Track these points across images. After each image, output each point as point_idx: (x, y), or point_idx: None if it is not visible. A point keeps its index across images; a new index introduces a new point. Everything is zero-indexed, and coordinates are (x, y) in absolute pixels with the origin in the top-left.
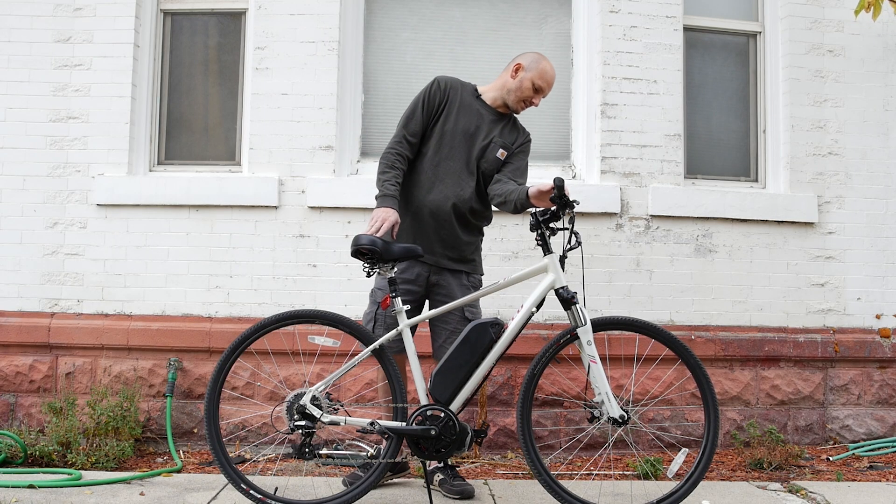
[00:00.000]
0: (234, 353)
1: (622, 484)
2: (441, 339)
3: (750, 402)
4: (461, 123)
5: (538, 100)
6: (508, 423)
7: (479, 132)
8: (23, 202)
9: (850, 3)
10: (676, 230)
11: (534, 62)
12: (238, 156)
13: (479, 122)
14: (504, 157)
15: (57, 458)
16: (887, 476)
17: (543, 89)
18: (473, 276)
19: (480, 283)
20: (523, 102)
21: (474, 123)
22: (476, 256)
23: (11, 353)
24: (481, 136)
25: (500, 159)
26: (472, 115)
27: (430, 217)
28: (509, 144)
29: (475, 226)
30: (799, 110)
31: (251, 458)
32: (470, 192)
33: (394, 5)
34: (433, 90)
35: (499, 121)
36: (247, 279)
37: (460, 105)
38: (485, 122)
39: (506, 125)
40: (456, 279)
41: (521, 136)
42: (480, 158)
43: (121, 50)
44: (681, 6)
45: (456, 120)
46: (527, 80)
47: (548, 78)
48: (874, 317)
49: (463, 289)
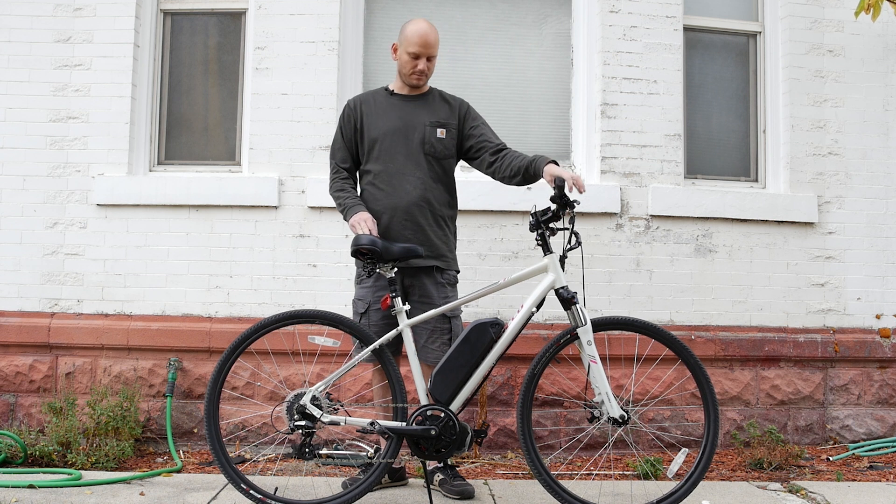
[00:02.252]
0: (234, 353)
1: (622, 484)
2: (423, 339)
3: (750, 402)
4: (384, 126)
5: (423, 63)
6: (508, 423)
7: (406, 125)
8: (23, 202)
9: (850, 3)
10: (676, 230)
11: (401, 34)
12: (238, 156)
13: (400, 115)
14: (445, 135)
15: (57, 458)
16: (887, 476)
17: (419, 52)
18: (448, 272)
19: (455, 279)
20: (415, 75)
21: (397, 119)
22: (448, 252)
23: (11, 353)
24: (411, 127)
25: (442, 138)
26: (391, 114)
27: (391, 221)
28: (444, 121)
29: (440, 215)
30: (799, 110)
31: (251, 458)
32: (422, 183)
33: (394, 5)
34: (346, 114)
35: (421, 104)
36: (247, 279)
37: (376, 111)
38: (406, 112)
39: (431, 104)
40: (429, 278)
41: (454, 106)
42: (423, 145)
43: (121, 50)
44: (681, 6)
45: (378, 126)
46: (402, 53)
47: (415, 38)
48: (874, 317)
49: (438, 286)
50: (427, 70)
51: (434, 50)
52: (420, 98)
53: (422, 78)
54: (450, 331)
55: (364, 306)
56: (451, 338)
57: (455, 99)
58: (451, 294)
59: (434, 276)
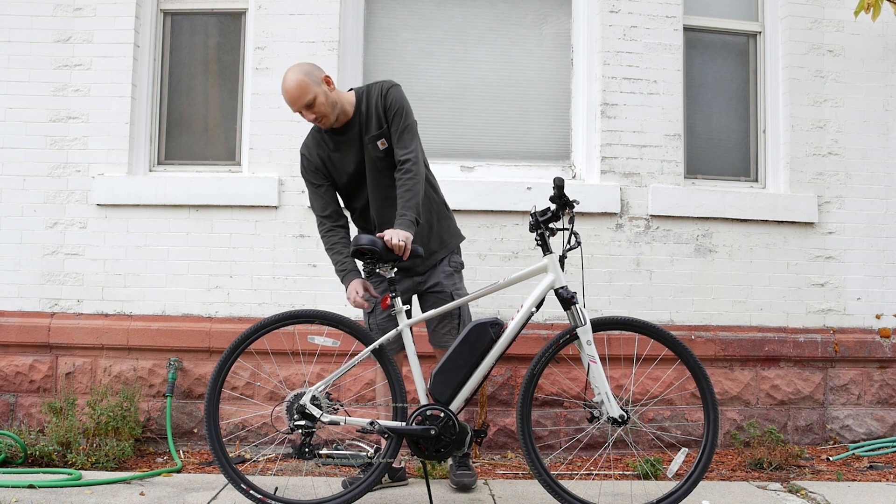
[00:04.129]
0: (234, 353)
1: (622, 484)
2: (434, 324)
3: (750, 402)
4: (345, 165)
5: (308, 115)
6: (508, 423)
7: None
8: (23, 202)
9: (850, 3)
10: (676, 230)
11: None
12: (238, 156)
13: (352, 146)
14: (386, 143)
15: (57, 458)
16: (887, 476)
17: (294, 109)
18: (453, 257)
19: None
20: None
21: (352, 153)
22: (445, 235)
23: (11, 353)
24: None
25: (386, 148)
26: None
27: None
28: (377, 132)
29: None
30: (799, 110)
31: (251, 458)
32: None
33: (394, 5)
34: (303, 166)
35: (356, 125)
36: (247, 279)
37: (329, 154)
38: (352, 141)
39: (364, 118)
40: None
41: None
42: (374, 164)
43: (121, 50)
44: (681, 6)
45: (339, 168)
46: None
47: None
48: (874, 317)
49: (447, 275)
50: (318, 115)
51: (303, 100)
52: (353, 121)
53: (325, 122)
54: (458, 316)
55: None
56: (460, 323)
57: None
58: (459, 283)
59: (441, 266)
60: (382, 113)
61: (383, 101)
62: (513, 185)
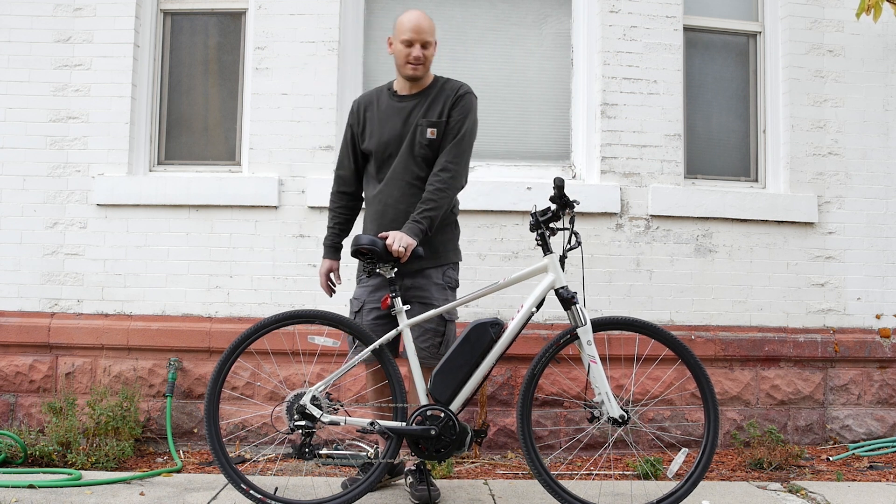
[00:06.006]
0: (234, 353)
1: (622, 484)
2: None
3: (750, 402)
4: (385, 134)
5: (417, 50)
6: (508, 423)
7: (400, 134)
8: (23, 202)
9: (850, 3)
10: (676, 230)
11: (394, 27)
12: (238, 156)
13: (402, 117)
14: (436, 135)
15: (57, 458)
16: (887, 476)
17: (412, 38)
18: (448, 272)
19: (456, 282)
20: (410, 64)
21: (397, 123)
22: (449, 247)
23: (11, 353)
24: (404, 133)
25: (432, 139)
26: (392, 118)
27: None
28: (435, 119)
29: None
30: (799, 110)
31: (251, 458)
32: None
33: (394, 5)
34: (350, 120)
35: (420, 102)
36: (247, 279)
37: (379, 117)
38: (404, 113)
39: (430, 100)
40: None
41: (447, 98)
42: (413, 148)
43: (121, 50)
44: (681, 6)
45: (380, 134)
46: (396, 44)
47: (407, 25)
48: (874, 317)
49: (438, 288)
50: (423, 57)
51: (427, 36)
52: (419, 95)
53: (418, 67)
54: (443, 334)
55: (358, 305)
56: (443, 341)
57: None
58: (451, 298)
59: (434, 276)
60: (449, 107)
61: (455, 97)
62: (513, 185)
